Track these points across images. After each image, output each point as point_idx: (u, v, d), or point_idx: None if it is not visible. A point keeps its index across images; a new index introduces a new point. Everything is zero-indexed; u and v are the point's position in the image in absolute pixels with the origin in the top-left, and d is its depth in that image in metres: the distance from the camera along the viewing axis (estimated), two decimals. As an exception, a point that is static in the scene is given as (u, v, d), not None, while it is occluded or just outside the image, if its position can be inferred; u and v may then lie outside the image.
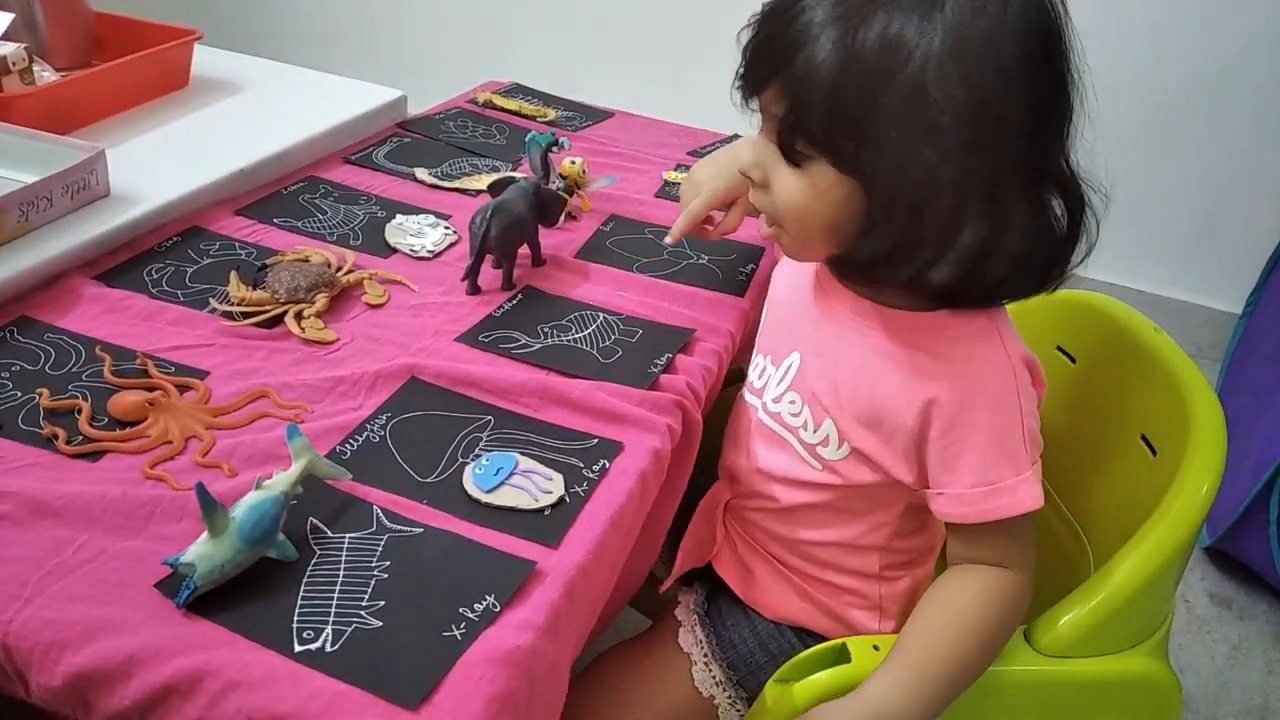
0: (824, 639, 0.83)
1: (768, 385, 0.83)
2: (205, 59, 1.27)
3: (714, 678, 0.83)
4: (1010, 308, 1.03)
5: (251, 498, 0.60)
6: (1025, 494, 0.71)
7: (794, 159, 0.68)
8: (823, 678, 0.73)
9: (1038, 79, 0.64)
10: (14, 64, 1.03)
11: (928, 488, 0.74)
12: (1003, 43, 0.62)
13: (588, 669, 0.85)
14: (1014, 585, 0.73)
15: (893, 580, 0.83)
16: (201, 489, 0.57)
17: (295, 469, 0.64)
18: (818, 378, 0.78)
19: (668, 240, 0.95)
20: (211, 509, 0.58)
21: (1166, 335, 0.88)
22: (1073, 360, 0.96)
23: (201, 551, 0.58)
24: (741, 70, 0.71)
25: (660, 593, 0.92)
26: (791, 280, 0.84)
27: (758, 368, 0.86)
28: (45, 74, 1.10)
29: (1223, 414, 0.80)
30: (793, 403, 0.80)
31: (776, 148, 0.69)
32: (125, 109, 1.14)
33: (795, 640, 0.84)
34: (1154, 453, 0.84)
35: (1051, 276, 0.70)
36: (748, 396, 0.86)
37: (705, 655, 0.84)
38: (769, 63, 0.68)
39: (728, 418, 0.89)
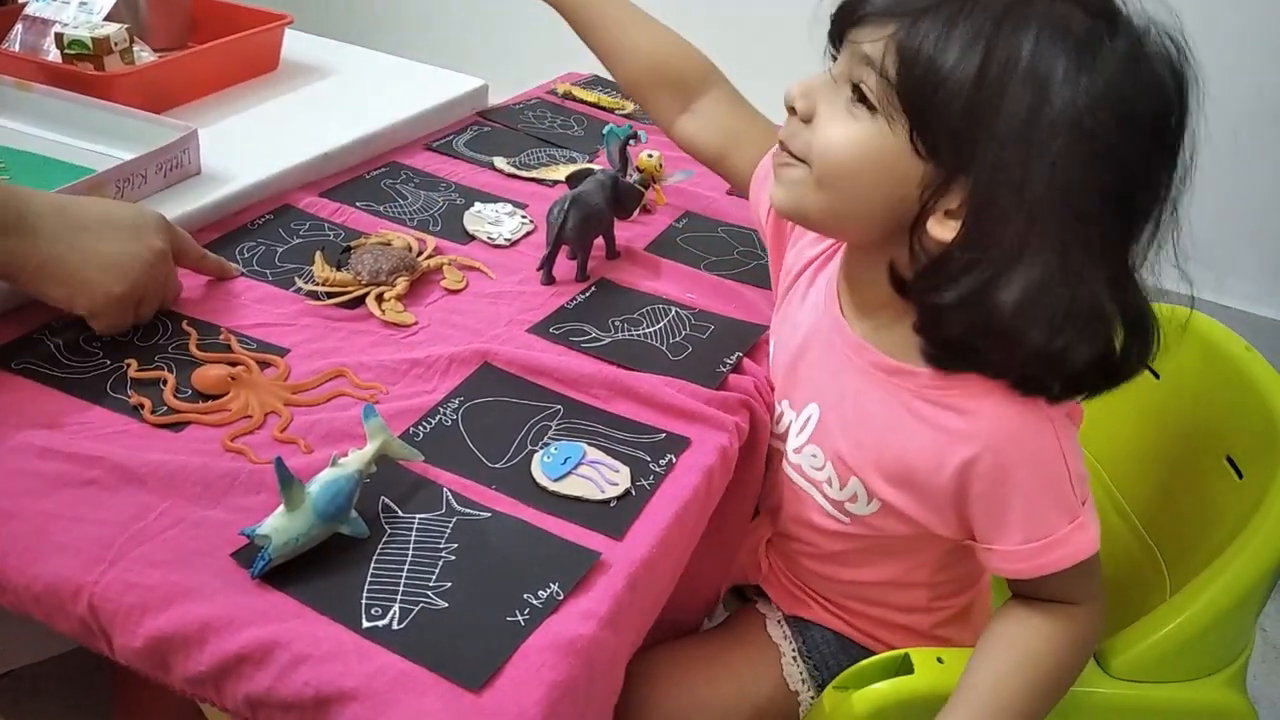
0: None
1: (789, 434, 0.80)
2: (294, 44, 1.30)
3: (800, 673, 0.82)
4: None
5: (327, 474, 0.62)
6: (1080, 541, 0.67)
7: (867, 104, 0.62)
8: (883, 688, 0.72)
9: (1148, 155, 0.60)
10: (116, 44, 1.07)
11: (974, 540, 0.71)
12: (1140, 106, 0.59)
13: (667, 649, 0.83)
14: (1084, 623, 0.69)
15: (942, 609, 0.81)
16: (280, 463, 0.59)
17: (370, 448, 0.65)
18: (840, 435, 0.74)
19: None
20: (289, 483, 0.59)
21: (1258, 354, 0.85)
22: (1157, 376, 0.93)
23: (277, 524, 0.59)
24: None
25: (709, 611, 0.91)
26: (805, 322, 0.79)
27: (776, 412, 0.82)
28: (144, 54, 1.14)
29: (1316, 438, 0.77)
30: (815, 456, 0.77)
31: (849, 85, 0.63)
32: (217, 90, 1.17)
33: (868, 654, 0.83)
34: (1240, 475, 0.81)
35: (1096, 379, 0.65)
36: (770, 440, 0.82)
37: (794, 649, 0.83)
38: (879, 4, 0.62)
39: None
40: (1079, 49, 0.58)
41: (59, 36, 1.07)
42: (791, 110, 0.67)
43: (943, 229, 0.62)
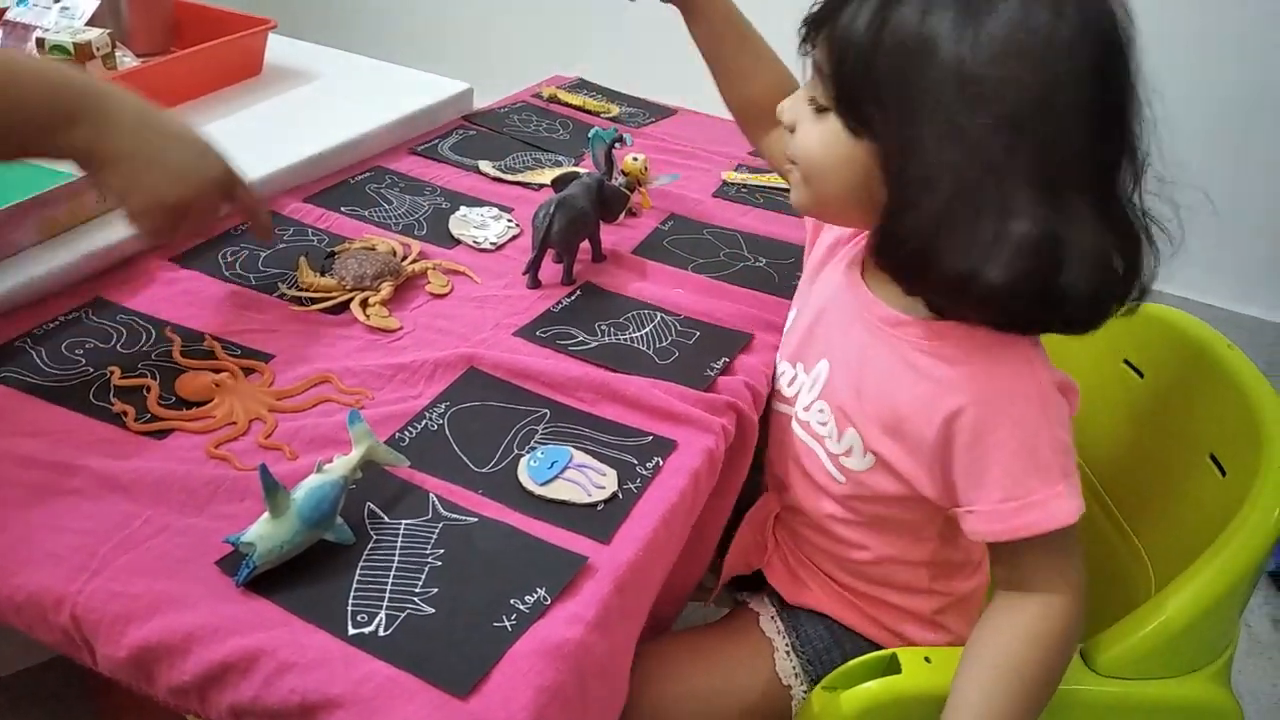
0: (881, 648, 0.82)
1: (800, 393, 0.82)
2: (278, 48, 1.30)
3: (793, 668, 0.82)
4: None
5: (312, 481, 0.61)
6: (1058, 509, 0.67)
7: (819, 108, 0.69)
8: (872, 687, 0.72)
9: (1096, 88, 0.62)
10: (98, 49, 1.06)
11: (958, 506, 0.72)
12: (1059, 40, 0.61)
13: (660, 646, 0.83)
14: (1062, 616, 0.69)
15: (944, 594, 0.81)
16: (265, 470, 0.59)
17: (355, 454, 0.65)
18: (843, 386, 0.77)
19: None
20: (274, 490, 0.59)
21: (1240, 352, 0.86)
22: (1140, 374, 0.94)
23: (262, 531, 0.59)
24: (803, 27, 0.71)
25: (708, 604, 0.92)
26: (827, 290, 0.82)
27: (787, 376, 0.85)
28: (126, 59, 1.13)
29: (1298, 436, 0.77)
30: (821, 411, 0.79)
31: (811, 96, 0.70)
32: (201, 95, 1.17)
33: (866, 645, 0.83)
34: (1223, 473, 0.81)
35: (1108, 307, 0.66)
36: (779, 406, 0.85)
37: (787, 644, 0.83)
38: (823, 12, 0.68)
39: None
40: (967, 6, 0.61)
41: (40, 42, 1.06)
42: (781, 122, 0.74)
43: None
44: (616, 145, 1.02)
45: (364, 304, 0.87)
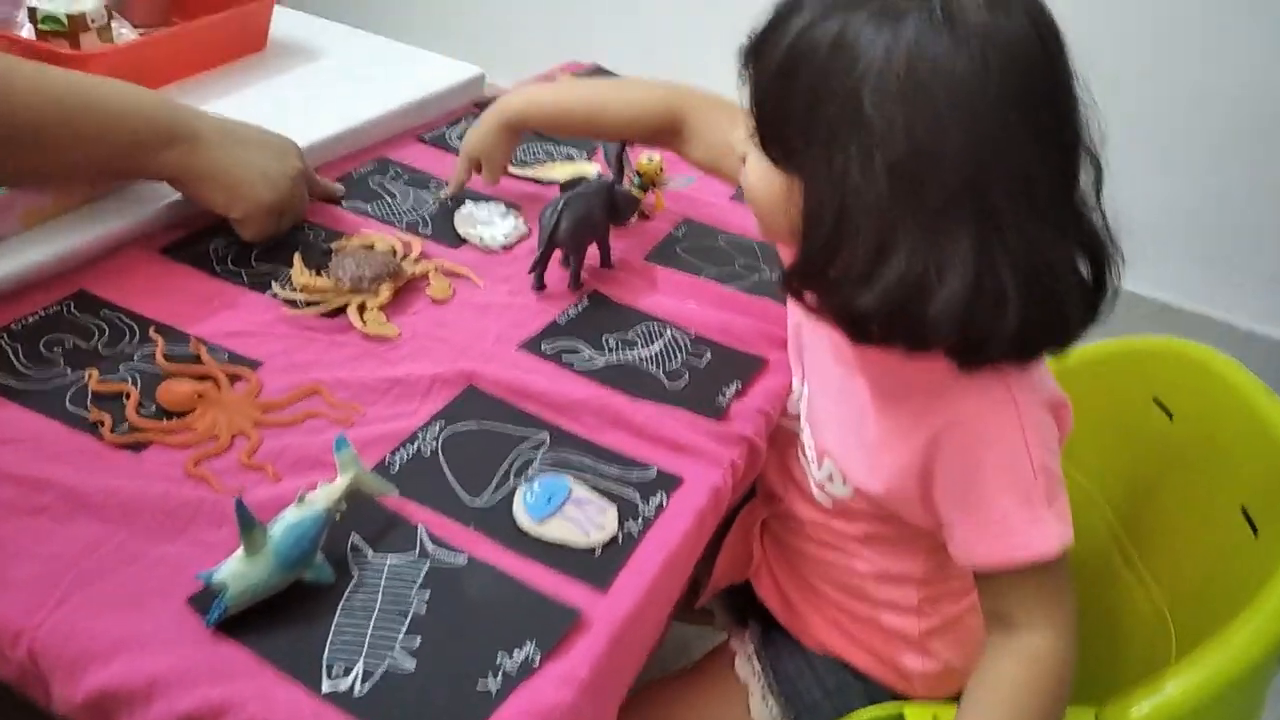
0: (873, 681, 0.80)
1: (802, 405, 0.80)
2: (284, 22, 1.24)
3: (770, 711, 0.80)
4: (1101, 352, 0.97)
5: (291, 515, 0.58)
6: (1038, 537, 0.64)
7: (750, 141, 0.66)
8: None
9: (1010, 120, 0.57)
10: (93, 20, 1.01)
11: (941, 525, 0.69)
12: (960, 72, 0.56)
13: (635, 696, 0.81)
14: (1050, 656, 0.66)
15: (933, 615, 0.78)
16: (240, 506, 0.55)
17: (340, 483, 0.61)
18: (822, 413, 0.75)
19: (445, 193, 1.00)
20: (250, 528, 0.55)
21: (1280, 399, 0.81)
22: (1170, 415, 0.89)
23: (235, 570, 0.55)
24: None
25: (696, 608, 0.89)
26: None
27: (795, 391, 0.83)
28: (124, 31, 1.08)
29: (1340, 498, 0.73)
30: (809, 434, 0.78)
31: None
32: (201, 71, 1.12)
33: (851, 679, 0.80)
34: (1255, 531, 0.77)
35: (1043, 341, 0.63)
36: (786, 421, 0.83)
37: (763, 687, 0.81)
38: (750, 45, 0.65)
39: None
40: (879, 18, 0.57)
41: (32, 11, 1.01)
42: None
43: None
44: (629, 144, 0.97)
45: (361, 308, 0.82)
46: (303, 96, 1.11)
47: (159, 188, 0.87)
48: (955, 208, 0.57)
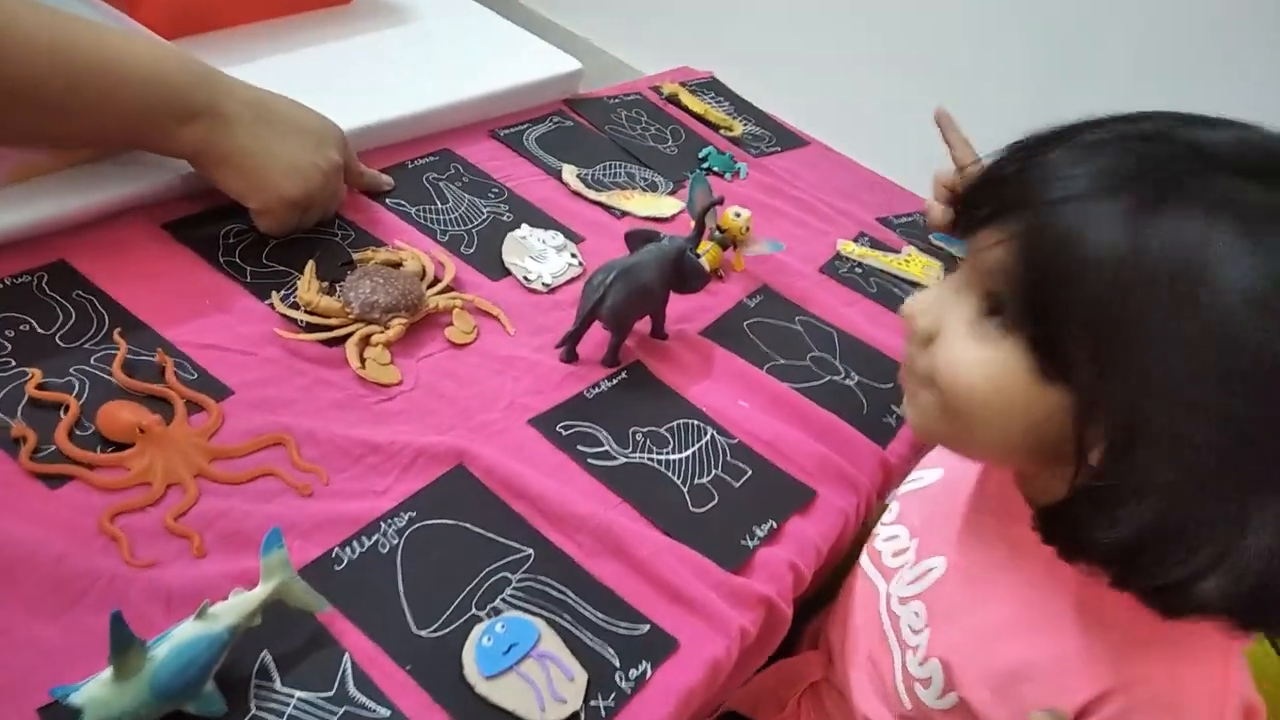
0: None
1: (901, 572, 0.65)
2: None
3: None
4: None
5: (184, 634, 0.47)
6: None
7: (996, 319, 0.51)
8: None
9: None
10: (160, -55, 0.91)
11: None
12: None
13: None
14: None
15: None
16: (117, 620, 0.44)
17: (259, 593, 0.50)
18: (955, 605, 0.61)
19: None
20: (124, 647, 0.45)
21: None
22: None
23: (96, 695, 0.45)
24: (965, 193, 0.54)
25: None
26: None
27: (894, 538, 0.68)
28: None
29: None
30: (917, 615, 0.63)
31: (974, 297, 0.52)
32: (271, 17, 1.01)
33: None
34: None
35: None
36: (870, 569, 0.69)
37: None
38: (1006, 198, 0.50)
39: (844, 576, 0.72)
40: (1249, 226, 0.44)
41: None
42: (911, 328, 0.55)
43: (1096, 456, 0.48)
44: (719, 204, 0.84)
45: (365, 340, 0.72)
46: (378, 65, 1.00)
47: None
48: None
